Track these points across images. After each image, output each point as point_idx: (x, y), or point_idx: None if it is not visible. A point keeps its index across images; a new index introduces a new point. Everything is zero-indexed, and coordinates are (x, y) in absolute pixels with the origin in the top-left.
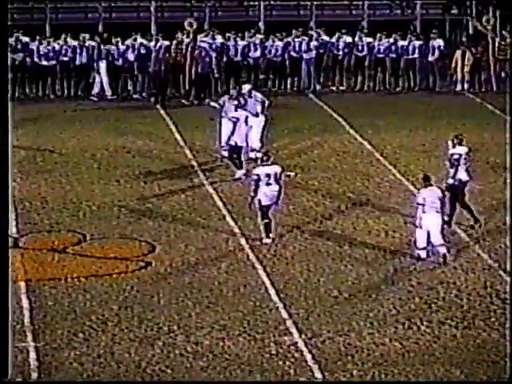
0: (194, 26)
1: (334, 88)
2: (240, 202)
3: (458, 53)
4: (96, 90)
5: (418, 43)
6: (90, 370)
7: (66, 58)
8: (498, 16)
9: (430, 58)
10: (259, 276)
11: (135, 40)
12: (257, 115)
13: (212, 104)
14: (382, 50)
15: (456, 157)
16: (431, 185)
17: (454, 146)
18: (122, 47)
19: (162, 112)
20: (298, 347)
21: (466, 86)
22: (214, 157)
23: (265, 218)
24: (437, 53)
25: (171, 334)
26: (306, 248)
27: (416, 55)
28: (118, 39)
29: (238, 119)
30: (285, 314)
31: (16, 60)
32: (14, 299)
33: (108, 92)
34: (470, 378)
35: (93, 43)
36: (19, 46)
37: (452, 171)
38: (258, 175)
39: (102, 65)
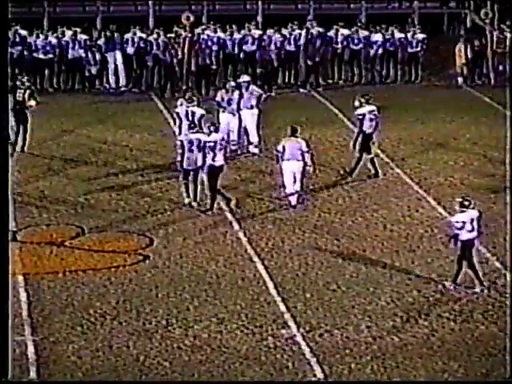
0: (191, 20)
1: (331, 81)
2: (238, 195)
3: (459, 46)
4: (111, 81)
5: (420, 36)
6: (88, 363)
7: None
8: (496, 9)
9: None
10: (257, 269)
11: (134, 34)
12: (251, 108)
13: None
14: (379, 43)
15: (211, 144)
16: (296, 136)
17: (209, 134)
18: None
19: (160, 105)
20: (295, 340)
21: (460, 79)
22: None
23: (184, 179)
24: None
25: (169, 327)
26: (303, 241)
27: (419, 48)
28: (135, 29)
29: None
30: (283, 308)
31: (14, 53)
32: (12, 293)
33: (123, 82)
34: (468, 372)
35: (84, 36)
36: (17, 40)
37: (211, 155)
38: (181, 141)
39: (118, 55)
